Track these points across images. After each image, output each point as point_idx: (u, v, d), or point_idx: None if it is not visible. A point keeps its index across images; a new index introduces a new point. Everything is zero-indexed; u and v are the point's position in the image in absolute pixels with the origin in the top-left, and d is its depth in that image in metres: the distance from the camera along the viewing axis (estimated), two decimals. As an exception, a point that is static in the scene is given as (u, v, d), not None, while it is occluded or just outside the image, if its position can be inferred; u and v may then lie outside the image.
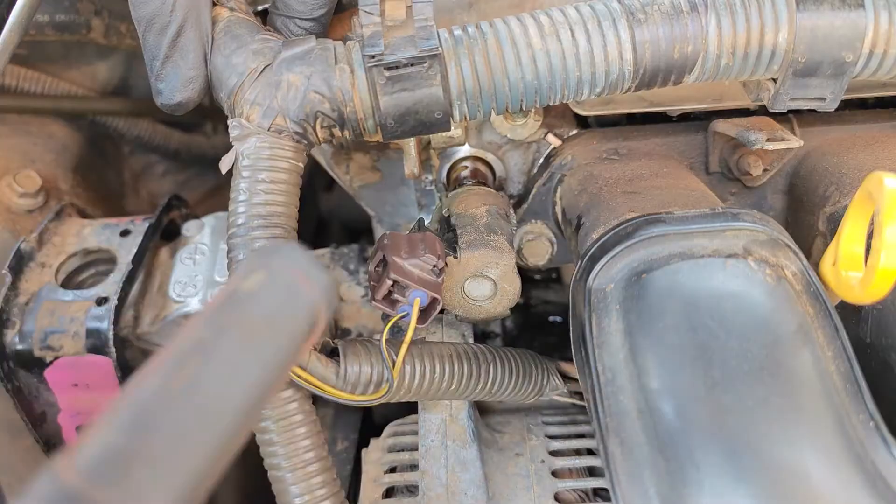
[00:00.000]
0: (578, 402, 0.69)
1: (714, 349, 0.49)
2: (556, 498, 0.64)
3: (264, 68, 0.59)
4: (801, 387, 0.48)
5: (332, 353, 0.59)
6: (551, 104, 0.62)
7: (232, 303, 0.32)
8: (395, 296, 0.59)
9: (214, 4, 0.63)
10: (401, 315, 0.59)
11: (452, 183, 0.84)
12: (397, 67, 0.58)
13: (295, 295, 0.33)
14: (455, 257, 0.65)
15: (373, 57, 0.57)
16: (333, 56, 0.60)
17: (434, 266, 0.59)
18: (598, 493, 0.66)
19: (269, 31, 0.64)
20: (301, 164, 0.61)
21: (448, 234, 0.70)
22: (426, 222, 0.77)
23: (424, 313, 0.59)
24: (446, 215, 0.73)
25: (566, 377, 0.70)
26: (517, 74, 0.59)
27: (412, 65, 0.58)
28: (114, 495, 0.25)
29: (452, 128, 0.65)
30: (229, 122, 0.60)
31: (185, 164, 1.32)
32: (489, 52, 0.59)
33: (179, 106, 0.61)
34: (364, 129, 0.61)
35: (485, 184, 0.81)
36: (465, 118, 0.62)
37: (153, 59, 0.60)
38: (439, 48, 0.58)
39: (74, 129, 1.15)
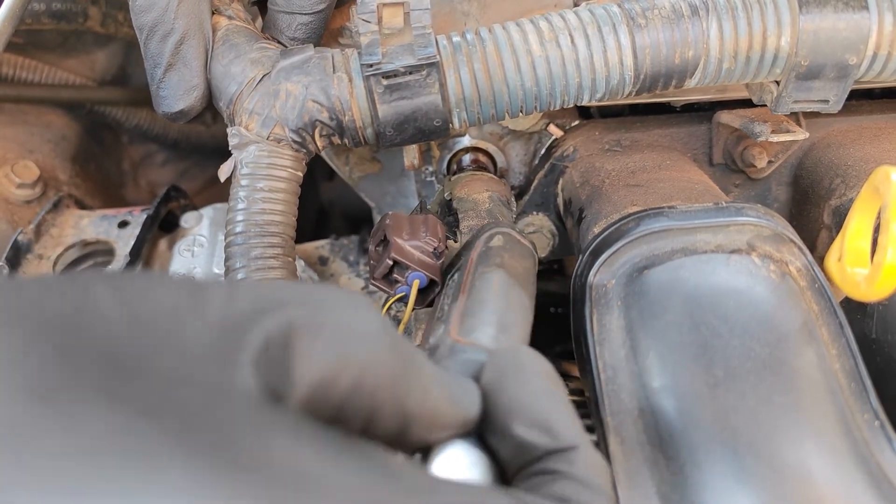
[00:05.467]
0: (579, 399, 0.68)
1: (716, 347, 0.48)
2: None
3: (262, 77, 0.59)
4: (805, 385, 0.47)
5: None
6: (552, 110, 0.62)
7: None
8: (395, 276, 0.59)
9: (213, 13, 0.62)
10: (399, 295, 0.59)
11: (453, 174, 0.83)
12: (395, 76, 0.57)
13: None
14: (455, 241, 0.64)
15: (371, 66, 0.57)
16: (331, 65, 0.60)
17: (435, 248, 0.59)
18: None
19: (268, 38, 0.63)
20: (300, 174, 0.61)
21: (448, 217, 0.70)
22: (427, 204, 0.76)
23: (423, 294, 0.59)
24: (448, 199, 0.72)
25: (567, 376, 0.69)
26: (516, 81, 0.59)
27: (410, 73, 0.57)
28: None
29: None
30: (228, 130, 0.60)
31: (185, 154, 1.31)
32: (488, 59, 0.59)
33: (181, 114, 0.61)
34: (363, 138, 0.61)
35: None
36: (465, 124, 0.62)
37: (155, 66, 0.59)
38: (437, 56, 0.58)
39: (73, 119, 1.14)
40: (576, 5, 0.68)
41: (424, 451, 0.33)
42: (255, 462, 0.22)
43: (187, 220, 0.93)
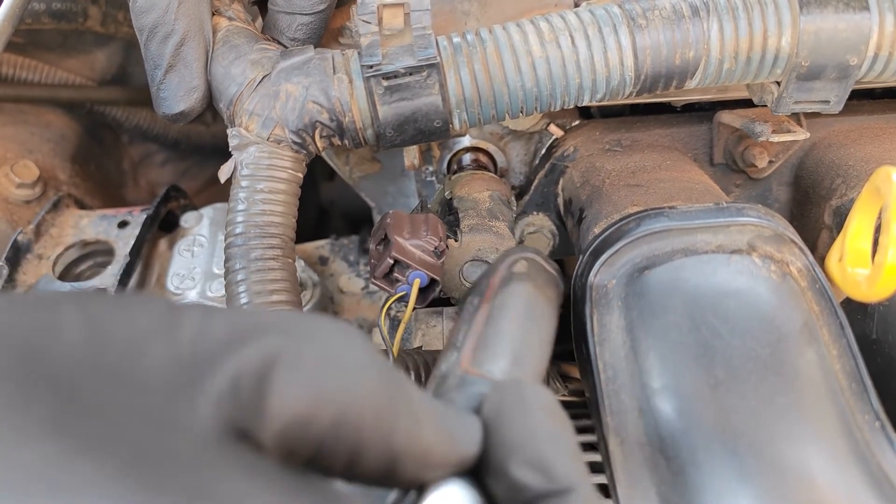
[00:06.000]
0: (579, 400, 0.68)
1: (717, 347, 0.48)
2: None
3: (262, 78, 0.59)
4: (806, 386, 0.47)
5: None
6: (552, 110, 0.62)
7: None
8: (396, 275, 0.59)
9: (213, 14, 0.62)
10: (399, 294, 0.59)
11: (453, 173, 0.83)
12: (395, 77, 0.57)
13: None
14: (456, 240, 0.64)
15: (371, 67, 0.57)
16: (332, 66, 0.60)
17: (436, 248, 0.59)
18: (599, 488, 0.65)
19: (268, 39, 0.63)
20: (300, 175, 0.61)
21: (448, 216, 0.70)
22: (428, 204, 0.76)
23: (423, 293, 0.59)
24: (448, 198, 0.72)
25: (567, 378, 0.69)
26: (517, 82, 0.59)
27: (410, 74, 0.57)
28: None
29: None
30: (229, 131, 0.60)
31: (185, 154, 1.31)
32: (488, 59, 0.59)
33: (182, 115, 0.61)
34: (363, 139, 0.61)
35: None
36: (465, 125, 0.62)
37: (155, 67, 0.59)
38: (438, 57, 0.57)
39: (72, 119, 1.14)
40: (576, 5, 0.68)
41: (419, 489, 0.31)
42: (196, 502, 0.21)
43: (187, 220, 0.93)
